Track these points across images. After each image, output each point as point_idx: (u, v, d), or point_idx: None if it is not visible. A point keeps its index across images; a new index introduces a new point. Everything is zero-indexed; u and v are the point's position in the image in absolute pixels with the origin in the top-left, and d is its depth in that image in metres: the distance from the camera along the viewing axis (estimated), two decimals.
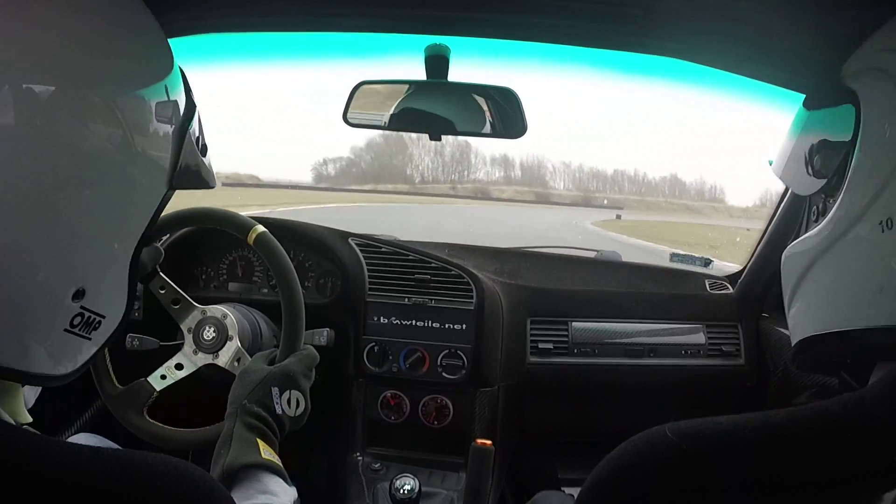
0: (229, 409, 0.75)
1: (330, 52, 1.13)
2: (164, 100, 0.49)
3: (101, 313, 0.48)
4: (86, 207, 0.43)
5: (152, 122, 0.47)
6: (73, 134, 0.41)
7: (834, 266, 0.48)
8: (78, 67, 0.41)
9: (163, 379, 0.94)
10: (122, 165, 0.45)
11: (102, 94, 0.43)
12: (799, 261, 0.52)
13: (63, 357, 0.47)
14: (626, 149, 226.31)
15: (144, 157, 0.47)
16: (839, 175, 0.47)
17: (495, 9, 0.76)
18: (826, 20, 0.61)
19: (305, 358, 0.84)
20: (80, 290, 0.44)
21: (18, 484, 0.36)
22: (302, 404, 0.78)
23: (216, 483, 0.44)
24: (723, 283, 1.50)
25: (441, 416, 1.26)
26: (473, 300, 1.26)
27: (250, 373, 0.79)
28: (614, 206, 52.80)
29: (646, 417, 0.53)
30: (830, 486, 0.37)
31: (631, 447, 0.42)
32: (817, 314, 0.50)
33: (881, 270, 0.43)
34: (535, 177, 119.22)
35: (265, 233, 0.92)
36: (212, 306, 0.98)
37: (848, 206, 0.46)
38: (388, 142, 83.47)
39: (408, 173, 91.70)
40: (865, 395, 0.39)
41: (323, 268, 1.32)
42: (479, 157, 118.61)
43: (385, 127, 1.09)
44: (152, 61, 0.49)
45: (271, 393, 0.75)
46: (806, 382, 1.22)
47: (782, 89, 0.78)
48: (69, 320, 0.45)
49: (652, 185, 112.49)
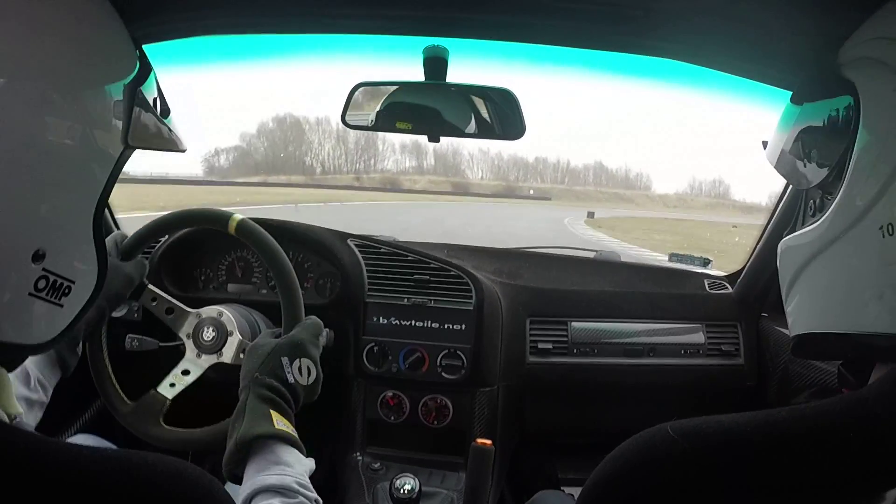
0: (242, 384, 0.75)
1: (329, 52, 1.13)
2: (113, 55, 0.49)
3: (68, 277, 0.48)
4: (35, 167, 0.43)
5: (99, 79, 0.48)
6: (21, 97, 0.41)
7: (832, 265, 0.48)
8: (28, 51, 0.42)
9: (172, 387, 0.94)
10: (70, 123, 0.45)
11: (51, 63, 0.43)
12: (796, 255, 0.52)
13: (34, 324, 0.47)
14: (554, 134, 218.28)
15: (93, 115, 0.47)
16: (838, 170, 0.47)
17: (494, 10, 0.76)
18: (824, 21, 0.62)
19: (311, 326, 0.84)
20: (40, 252, 0.45)
21: (18, 484, 0.36)
22: (314, 372, 0.78)
23: (215, 483, 0.44)
24: (722, 282, 1.50)
25: (441, 416, 1.26)
26: (473, 300, 1.26)
27: (259, 347, 0.78)
28: (541, 195, 50.36)
29: (645, 417, 0.53)
30: (831, 486, 0.37)
31: (633, 446, 0.42)
32: (815, 312, 0.50)
33: (881, 277, 0.43)
34: (451, 166, 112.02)
35: (244, 220, 0.92)
36: (206, 308, 0.99)
37: (847, 206, 0.45)
38: (283, 127, 79.14)
39: (307, 163, 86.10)
40: (866, 395, 0.39)
41: (322, 269, 1.32)
42: (388, 145, 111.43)
43: (383, 128, 1.09)
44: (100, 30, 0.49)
45: (282, 363, 0.75)
46: (805, 382, 1.22)
47: (767, 86, 0.78)
48: (32, 283, 0.45)
49: (576, 173, 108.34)
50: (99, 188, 0.49)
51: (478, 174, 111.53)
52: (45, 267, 0.45)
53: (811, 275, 0.50)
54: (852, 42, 0.50)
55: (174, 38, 0.82)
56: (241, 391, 0.74)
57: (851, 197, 0.45)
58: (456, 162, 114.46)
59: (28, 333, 0.47)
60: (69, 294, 0.48)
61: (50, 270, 0.46)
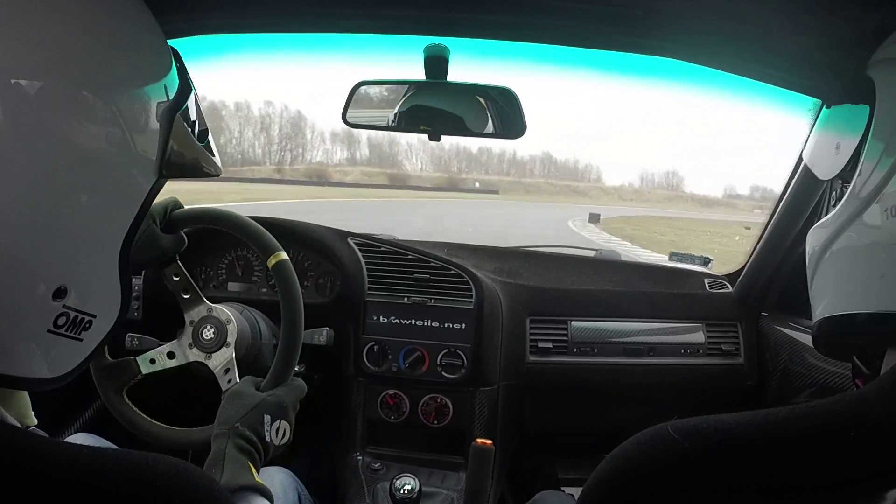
0: (219, 430, 0.74)
1: (329, 52, 1.13)
2: (153, 83, 0.46)
3: (90, 313, 0.46)
4: (61, 202, 0.41)
5: (138, 108, 0.45)
6: (56, 129, 0.39)
7: (846, 249, 0.50)
8: (65, 61, 0.40)
9: (152, 363, 0.94)
10: (102, 157, 0.43)
11: (90, 87, 0.41)
12: (818, 241, 0.54)
13: (52, 359, 0.45)
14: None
15: (127, 148, 0.44)
16: (854, 160, 0.50)
17: (494, 10, 0.76)
18: (829, 21, 0.62)
19: (297, 389, 0.85)
20: (62, 289, 0.43)
21: (18, 484, 0.36)
22: (288, 435, 0.79)
23: (215, 483, 0.44)
24: (722, 282, 1.50)
25: (441, 415, 1.26)
26: (473, 299, 1.26)
27: (243, 396, 0.79)
28: (488, 188, 47.98)
29: (645, 417, 0.53)
30: (832, 486, 0.36)
31: (633, 445, 0.42)
32: (832, 296, 0.52)
33: (885, 257, 0.45)
34: (387, 156, 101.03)
35: (286, 261, 0.91)
36: (219, 306, 0.98)
37: (858, 192, 0.48)
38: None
39: (228, 152, 76.64)
40: (867, 394, 0.39)
41: (322, 267, 1.32)
42: (318, 133, 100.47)
43: (384, 127, 1.09)
44: (142, 50, 0.47)
45: (263, 420, 0.76)
46: (805, 382, 1.23)
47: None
48: (52, 321, 0.43)
49: (522, 165, 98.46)
50: (128, 223, 0.47)
51: (417, 165, 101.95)
52: (66, 304, 0.43)
53: (829, 261, 0.52)
54: (884, 46, 0.52)
55: (174, 37, 0.82)
56: (218, 437, 0.73)
57: (862, 182, 0.48)
58: (393, 152, 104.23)
59: (46, 369, 0.45)
60: (90, 329, 0.46)
61: (71, 307, 0.44)
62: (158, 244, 0.87)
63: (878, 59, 0.52)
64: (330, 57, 1.15)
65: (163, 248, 0.89)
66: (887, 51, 0.51)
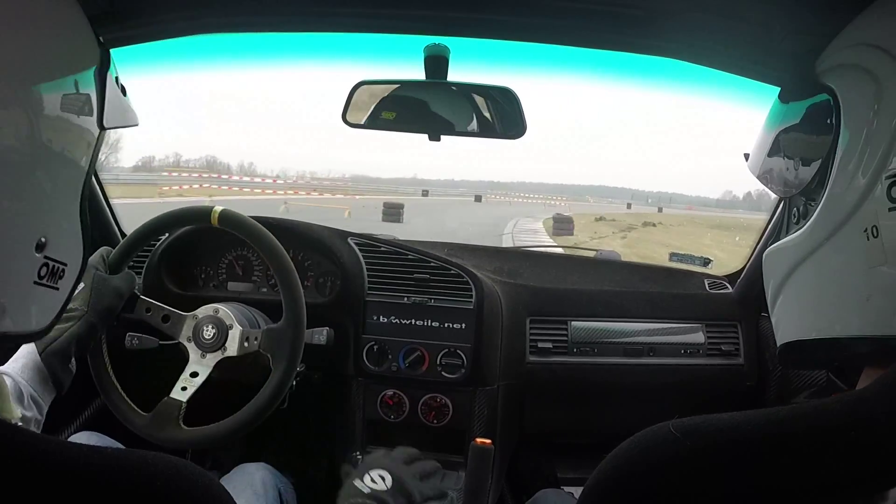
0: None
1: (330, 52, 1.13)
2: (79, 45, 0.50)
3: (62, 261, 0.49)
4: (28, 162, 0.44)
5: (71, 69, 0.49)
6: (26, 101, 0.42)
7: (817, 271, 0.48)
8: (11, 58, 0.42)
9: (184, 391, 0.95)
10: (61, 119, 0.46)
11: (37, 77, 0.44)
12: (781, 262, 0.52)
13: (37, 311, 0.48)
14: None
15: (79, 107, 0.49)
16: (820, 177, 0.47)
17: (494, 10, 0.76)
18: (826, 20, 0.62)
19: None
20: (42, 241, 0.46)
21: (18, 483, 0.36)
22: None
23: (215, 482, 0.44)
24: (722, 282, 1.50)
25: (440, 415, 1.26)
26: (473, 299, 1.26)
27: None
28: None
29: (645, 417, 0.53)
30: (833, 485, 0.36)
31: (634, 444, 0.42)
32: (802, 319, 0.50)
33: (868, 279, 0.43)
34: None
35: (225, 210, 0.92)
36: (201, 308, 0.99)
37: (830, 211, 0.46)
38: None
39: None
40: (867, 394, 0.39)
41: (322, 267, 1.32)
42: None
43: (384, 127, 1.09)
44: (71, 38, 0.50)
45: None
46: (805, 382, 1.23)
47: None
48: (37, 272, 0.46)
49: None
50: (84, 171, 0.51)
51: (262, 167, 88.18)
52: (46, 255, 0.46)
53: (797, 281, 0.50)
54: (829, 51, 0.50)
55: (174, 36, 0.82)
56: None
57: (835, 201, 0.45)
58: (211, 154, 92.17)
59: (32, 322, 0.47)
60: (63, 276, 0.50)
61: (50, 257, 0.47)
62: (110, 286, 0.93)
63: (833, 64, 0.49)
64: (330, 57, 1.15)
65: (116, 288, 0.95)
66: (842, 55, 0.48)
